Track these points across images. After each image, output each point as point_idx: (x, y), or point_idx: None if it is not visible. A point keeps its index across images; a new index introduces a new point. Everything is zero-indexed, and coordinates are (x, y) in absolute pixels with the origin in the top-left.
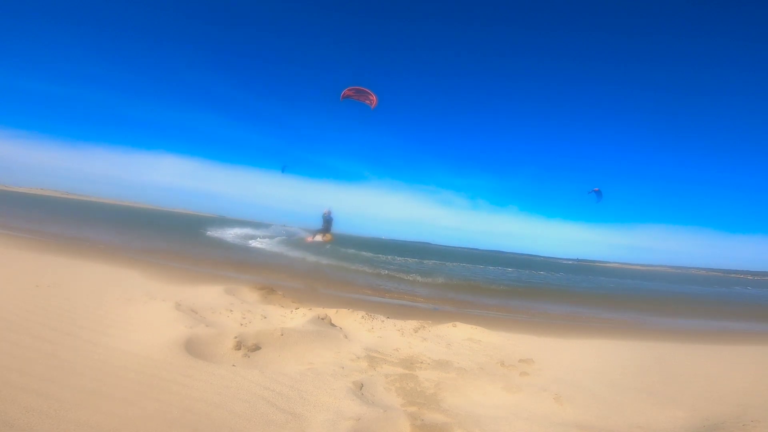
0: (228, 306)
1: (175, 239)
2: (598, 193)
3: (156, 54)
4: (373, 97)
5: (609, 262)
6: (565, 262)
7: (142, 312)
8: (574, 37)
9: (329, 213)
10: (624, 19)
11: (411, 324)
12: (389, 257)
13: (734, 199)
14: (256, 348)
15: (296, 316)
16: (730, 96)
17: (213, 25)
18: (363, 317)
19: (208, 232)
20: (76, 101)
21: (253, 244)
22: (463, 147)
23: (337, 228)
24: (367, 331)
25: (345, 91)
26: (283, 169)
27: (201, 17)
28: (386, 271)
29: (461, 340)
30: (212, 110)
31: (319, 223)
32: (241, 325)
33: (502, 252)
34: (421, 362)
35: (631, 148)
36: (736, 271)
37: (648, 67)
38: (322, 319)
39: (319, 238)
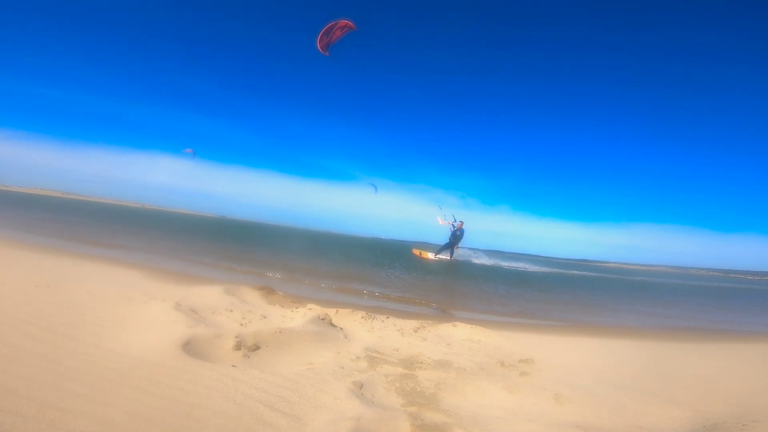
0: (228, 306)
1: None
2: None
3: (150, 56)
4: (344, 22)
5: (607, 262)
6: (562, 261)
7: (142, 312)
8: (566, 33)
9: (461, 227)
10: (616, 14)
11: (411, 324)
12: None
13: (733, 198)
14: (256, 348)
15: (296, 316)
16: (729, 94)
17: (206, 25)
18: (363, 317)
19: None
20: (75, 103)
21: None
22: (453, 145)
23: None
24: (367, 331)
25: (320, 44)
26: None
27: (193, 18)
28: None
29: (461, 340)
30: (205, 111)
31: (446, 238)
32: (241, 325)
33: (502, 252)
34: (421, 362)
35: (626, 145)
36: (736, 271)
37: (644, 64)
38: (322, 319)
39: (444, 255)
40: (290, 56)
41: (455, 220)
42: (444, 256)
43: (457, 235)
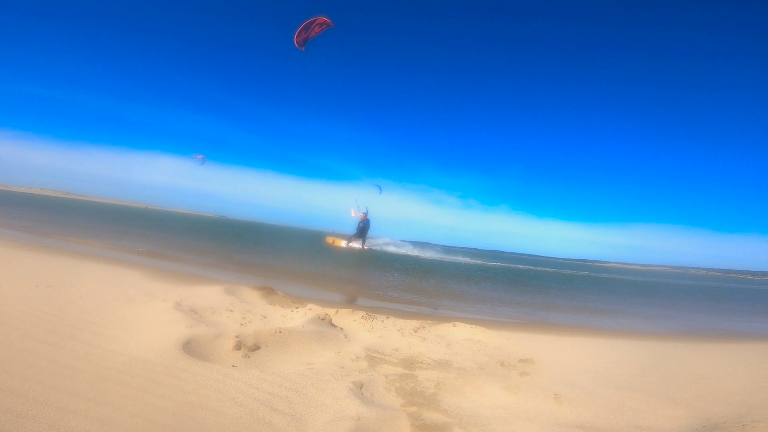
0: (228, 306)
1: None
2: None
3: (151, 56)
4: (322, 19)
5: (608, 262)
6: (563, 261)
7: (142, 312)
8: (567, 32)
9: (365, 216)
10: (618, 14)
11: (411, 324)
12: None
13: (734, 199)
14: (256, 348)
15: (296, 316)
16: (729, 94)
17: (206, 26)
18: (363, 317)
19: None
20: (75, 104)
21: None
22: (453, 145)
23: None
24: (367, 331)
25: (298, 39)
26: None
27: (194, 18)
28: None
29: (461, 340)
30: (206, 111)
31: (355, 229)
32: (241, 325)
33: (502, 252)
34: (421, 362)
35: (626, 145)
36: (736, 271)
37: (644, 64)
38: (322, 319)
39: (355, 244)
40: (290, 56)
41: (366, 211)
42: (355, 245)
43: (360, 227)
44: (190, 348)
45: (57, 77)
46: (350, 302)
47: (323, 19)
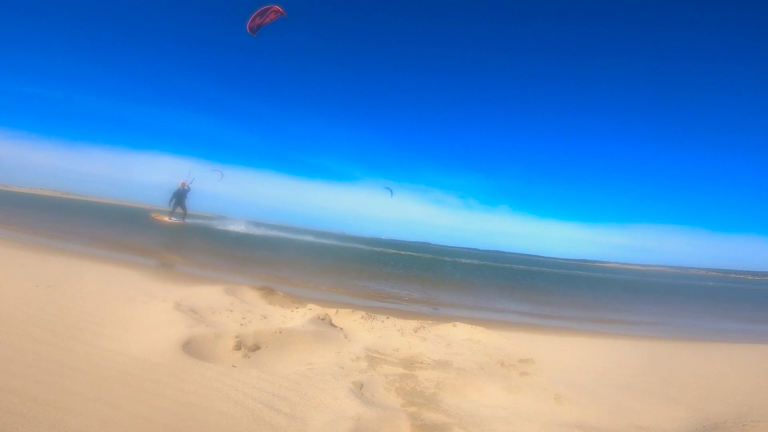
0: (228, 306)
1: None
2: None
3: (151, 56)
4: (277, 7)
5: (608, 262)
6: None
7: (142, 312)
8: (567, 32)
9: (185, 185)
10: (619, 14)
11: (411, 324)
12: None
13: (733, 199)
14: (256, 348)
15: (296, 316)
16: (729, 94)
17: (205, 26)
18: (363, 317)
19: None
20: (75, 104)
21: None
22: (452, 145)
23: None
24: (367, 331)
25: (252, 24)
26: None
27: (193, 19)
28: None
29: (461, 340)
30: (205, 111)
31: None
32: (241, 325)
33: (504, 252)
34: (421, 362)
35: (626, 145)
36: (736, 272)
37: (644, 64)
38: (323, 319)
39: (177, 218)
40: (291, 56)
41: (191, 181)
42: (177, 220)
43: (176, 194)
44: (191, 348)
45: (57, 77)
46: (350, 302)
47: (278, 7)
